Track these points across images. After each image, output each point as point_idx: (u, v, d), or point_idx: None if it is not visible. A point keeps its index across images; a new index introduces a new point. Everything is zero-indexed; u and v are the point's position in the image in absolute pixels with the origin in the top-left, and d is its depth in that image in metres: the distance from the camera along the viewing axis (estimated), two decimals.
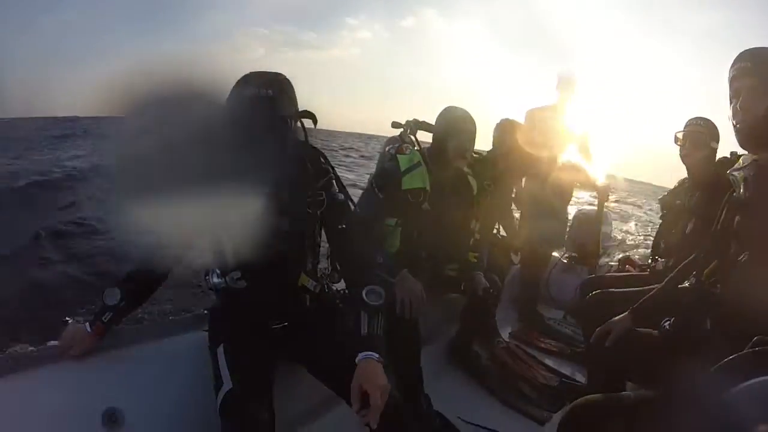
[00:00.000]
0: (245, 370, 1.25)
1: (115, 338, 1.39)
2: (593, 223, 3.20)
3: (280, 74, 1.35)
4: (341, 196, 1.40)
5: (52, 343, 1.38)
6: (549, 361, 2.38)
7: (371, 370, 1.17)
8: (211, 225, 1.24)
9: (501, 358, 2.30)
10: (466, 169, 2.05)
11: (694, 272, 1.42)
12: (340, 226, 1.38)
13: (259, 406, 1.20)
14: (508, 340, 2.51)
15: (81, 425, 1.25)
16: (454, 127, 1.93)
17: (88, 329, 1.31)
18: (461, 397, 2.05)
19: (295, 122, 1.32)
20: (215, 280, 1.35)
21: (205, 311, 1.54)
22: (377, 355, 1.18)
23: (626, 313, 1.54)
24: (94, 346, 1.33)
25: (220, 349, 1.30)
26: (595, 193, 3.15)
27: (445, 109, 1.99)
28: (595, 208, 3.28)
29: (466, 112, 1.96)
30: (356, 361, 1.18)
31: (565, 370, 2.31)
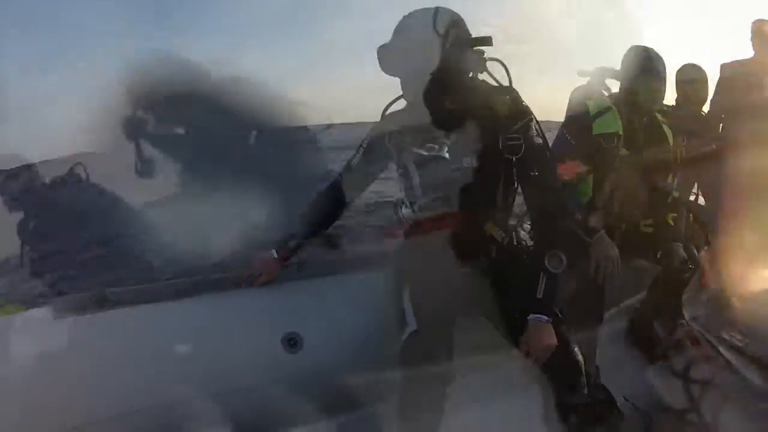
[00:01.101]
0: (430, 313, 1.32)
1: (300, 269, 1.56)
2: None
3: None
4: (539, 141, 1.35)
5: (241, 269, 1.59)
6: (732, 358, 2.10)
7: (538, 331, 1.27)
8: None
9: (681, 340, 2.05)
10: (660, 118, 1.87)
11: None
12: (532, 173, 1.34)
13: (440, 350, 1.29)
14: (691, 323, 2.26)
15: (262, 346, 1.43)
16: (641, 67, 1.76)
17: (275, 255, 1.47)
18: (630, 376, 1.88)
19: (465, 52, 1.30)
20: (404, 211, 1.41)
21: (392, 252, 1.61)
22: (545, 318, 1.27)
23: None
24: (279, 273, 1.50)
25: (406, 291, 1.38)
26: None
27: (629, 50, 1.82)
28: None
29: (652, 50, 1.78)
30: (528, 319, 1.27)
31: (747, 372, 2.03)
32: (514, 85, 1.39)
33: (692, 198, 2.45)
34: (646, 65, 1.76)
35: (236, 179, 1.65)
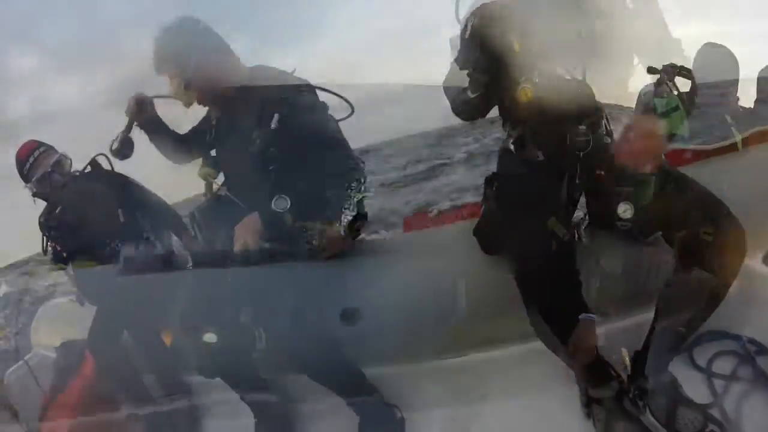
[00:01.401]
0: (481, 305, 1.40)
1: (364, 248, 1.67)
2: None
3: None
4: (608, 140, 1.34)
5: None
6: None
7: (587, 331, 1.32)
8: None
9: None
10: (729, 120, 1.83)
11: None
12: (598, 172, 1.33)
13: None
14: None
15: (320, 317, 1.52)
16: (713, 67, 1.75)
17: (342, 233, 1.54)
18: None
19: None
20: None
21: None
22: (594, 316, 1.33)
23: None
24: (343, 251, 1.60)
25: (462, 282, 1.49)
26: None
27: (702, 48, 1.78)
28: None
29: (725, 48, 1.74)
30: (579, 318, 1.31)
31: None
32: None
33: None
34: (719, 66, 1.74)
35: (262, 162, 1.63)
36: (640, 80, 1.79)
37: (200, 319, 1.58)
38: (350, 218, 1.57)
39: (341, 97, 1.64)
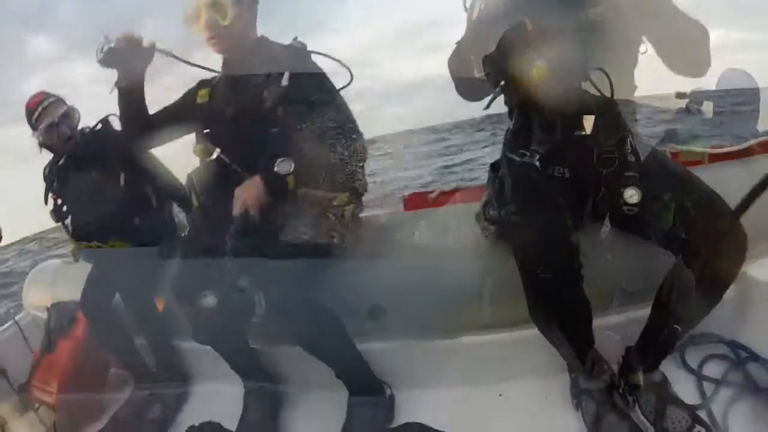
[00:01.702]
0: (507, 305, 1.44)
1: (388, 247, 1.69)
2: None
3: None
4: (632, 158, 1.32)
5: None
6: None
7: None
8: None
9: None
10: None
11: None
12: (620, 190, 1.30)
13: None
14: None
15: (347, 313, 1.54)
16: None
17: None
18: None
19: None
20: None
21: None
22: (616, 336, 1.42)
23: None
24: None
25: (489, 281, 1.48)
26: None
27: (724, 73, 1.77)
28: None
29: (746, 73, 1.73)
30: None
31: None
32: None
33: None
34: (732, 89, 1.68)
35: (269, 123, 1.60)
36: (646, 71, 1.78)
37: (196, 282, 1.57)
38: (351, 187, 1.56)
39: (341, 63, 1.62)
